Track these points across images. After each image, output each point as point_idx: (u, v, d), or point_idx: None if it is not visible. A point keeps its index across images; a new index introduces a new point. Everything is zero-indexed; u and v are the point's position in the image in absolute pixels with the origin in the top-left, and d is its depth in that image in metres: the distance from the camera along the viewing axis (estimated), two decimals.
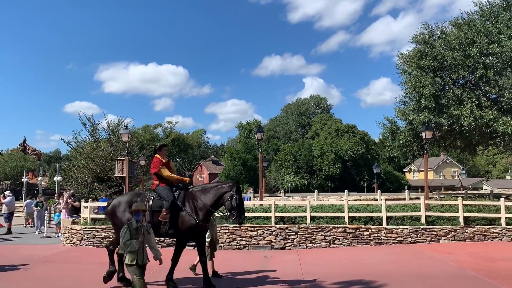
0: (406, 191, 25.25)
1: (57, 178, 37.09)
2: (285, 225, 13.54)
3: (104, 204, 16.98)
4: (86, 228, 14.47)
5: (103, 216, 15.35)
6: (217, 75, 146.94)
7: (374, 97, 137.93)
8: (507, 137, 17.12)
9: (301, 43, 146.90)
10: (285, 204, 15.63)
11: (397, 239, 13.58)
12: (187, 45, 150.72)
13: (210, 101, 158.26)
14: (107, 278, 8.33)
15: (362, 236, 13.58)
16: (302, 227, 13.48)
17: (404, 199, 19.58)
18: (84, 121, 29.03)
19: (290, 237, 13.39)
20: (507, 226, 14.02)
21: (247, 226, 13.48)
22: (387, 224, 13.79)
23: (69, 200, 17.63)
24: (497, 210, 14.39)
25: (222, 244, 13.21)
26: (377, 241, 13.53)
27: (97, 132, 29.72)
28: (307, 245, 13.34)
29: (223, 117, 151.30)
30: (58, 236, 17.22)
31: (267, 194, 27.02)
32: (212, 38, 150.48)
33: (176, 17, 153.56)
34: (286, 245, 13.30)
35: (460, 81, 19.30)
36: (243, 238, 13.40)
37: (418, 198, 16.08)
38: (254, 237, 13.39)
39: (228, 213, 8.12)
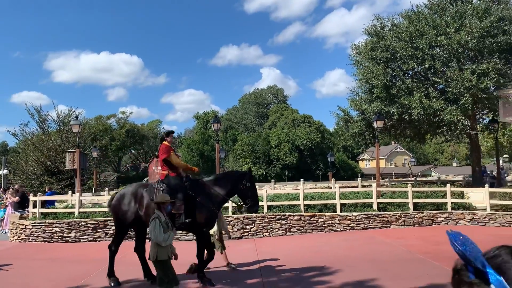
0: (359, 179, 25.99)
1: (3, 171, 35.30)
2: (242, 215, 13.57)
3: (51, 198, 16.42)
4: (35, 223, 13.89)
5: (54, 210, 14.80)
6: (173, 64, 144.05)
7: (329, 88, 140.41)
8: (453, 125, 17.93)
9: (258, 34, 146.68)
10: None
11: (350, 225, 13.98)
12: (142, 34, 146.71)
13: (166, 91, 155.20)
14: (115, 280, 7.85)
15: (317, 223, 13.87)
16: (259, 216, 13.58)
17: (357, 186, 20.16)
18: (31, 112, 27.79)
19: (247, 226, 13.46)
20: (453, 211, 14.79)
21: None
22: (341, 211, 14.17)
23: (8, 195, 16.86)
24: (444, 196, 15.13)
25: (178, 236, 13.07)
26: (331, 228, 13.87)
27: (46, 123, 28.55)
28: (264, 234, 13.47)
29: (179, 107, 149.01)
30: (4, 232, 16.44)
31: None
32: (167, 27, 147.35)
33: (130, 4, 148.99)
34: (243, 234, 13.36)
35: (410, 72, 19.96)
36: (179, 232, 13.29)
37: (370, 186, 16.59)
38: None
39: (242, 202, 8.01)
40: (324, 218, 13.95)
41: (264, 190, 14.83)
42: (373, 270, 8.34)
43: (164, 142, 8.18)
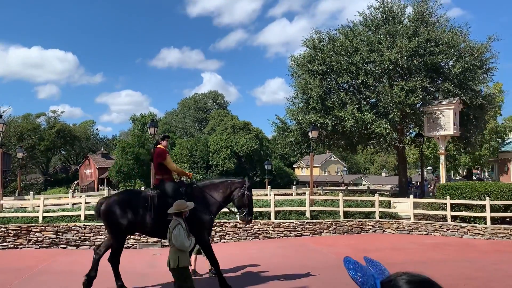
0: (293, 186, 26.62)
1: None
2: None
3: None
4: None
5: None
6: (110, 63, 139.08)
7: (269, 96, 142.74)
8: (382, 138, 18.92)
9: (200, 38, 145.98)
10: None
11: (284, 232, 14.25)
12: (77, 30, 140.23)
13: (102, 91, 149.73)
14: (87, 284, 7.49)
15: (252, 230, 14.00)
16: None
17: (291, 194, 20.65)
18: None
19: None
20: (380, 220, 15.57)
21: None
22: (275, 219, 14.41)
23: None
24: (372, 205, 15.90)
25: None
26: (265, 235, 14.06)
27: None
28: None
29: (115, 108, 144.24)
30: None
31: None
32: (106, 24, 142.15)
33: None
34: None
35: (345, 85, 20.83)
36: (131, 236, 12.91)
37: (304, 193, 17.05)
38: (143, 236, 12.99)
39: (237, 210, 7.93)
40: (259, 225, 14.11)
41: None
42: (305, 277, 8.56)
43: (159, 146, 8.03)
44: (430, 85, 18.85)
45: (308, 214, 14.88)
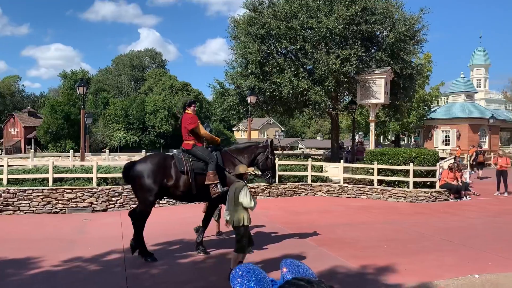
0: None
1: None
2: (108, 187, 13.04)
3: None
4: None
5: None
6: (37, 14, 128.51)
7: (210, 56, 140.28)
8: (317, 105, 19.38)
9: None
10: (109, 165, 14.96)
11: None
12: None
13: (29, 44, 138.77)
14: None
15: None
16: (127, 188, 13.13)
17: None
18: None
19: (113, 198, 12.96)
20: (312, 183, 16.17)
21: (65, 189, 12.54)
22: None
23: None
24: (305, 169, 16.43)
25: (34, 208, 12.09)
26: None
27: None
28: (131, 206, 13.09)
29: (44, 63, 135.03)
30: None
31: (90, 154, 25.51)
32: None
33: None
34: (108, 207, 12.85)
35: (283, 51, 20.86)
36: (60, 201, 12.43)
37: None
38: (73, 200, 12.56)
39: (261, 173, 8.25)
40: None
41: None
42: (231, 241, 8.73)
43: (188, 112, 7.96)
44: (364, 54, 19.37)
45: None
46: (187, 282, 6.29)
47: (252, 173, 8.44)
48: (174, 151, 23.31)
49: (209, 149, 7.97)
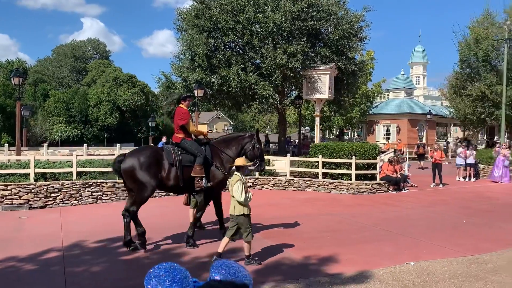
0: None
1: None
2: (47, 182, 12.44)
3: None
4: None
5: None
6: None
7: (157, 48, 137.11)
8: (265, 99, 19.54)
9: None
10: (48, 160, 14.28)
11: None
12: None
13: None
14: (142, 238, 7.60)
15: None
16: (67, 184, 12.65)
17: None
18: None
19: (52, 194, 12.39)
20: (260, 177, 16.35)
21: None
22: None
23: None
24: None
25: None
26: None
27: None
28: (72, 202, 12.63)
29: None
30: None
31: (27, 148, 24.18)
32: None
33: None
34: (47, 203, 12.27)
35: (231, 45, 20.80)
36: None
37: None
38: (8, 197, 11.87)
39: (251, 162, 8.18)
40: None
41: (75, 156, 13.80)
42: (181, 237, 8.66)
43: (181, 106, 8.11)
44: (310, 50, 19.75)
45: None
46: (128, 279, 6.15)
47: (251, 167, 8.77)
48: (118, 145, 22.73)
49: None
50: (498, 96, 25.17)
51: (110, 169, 13.58)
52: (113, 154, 15.05)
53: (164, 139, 22.51)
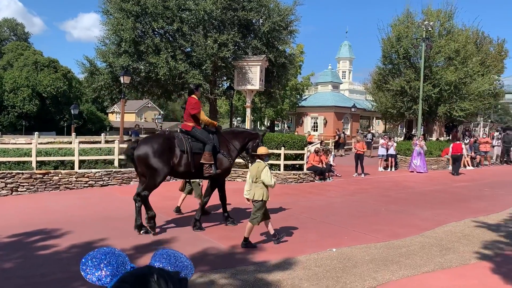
0: (102, 134, 25.29)
1: None
2: None
3: None
4: None
5: None
6: None
7: (82, 32, 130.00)
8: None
9: None
10: None
11: (88, 182, 13.53)
12: None
13: None
14: (152, 221, 8.06)
15: (51, 181, 12.87)
16: None
17: (100, 142, 19.59)
18: None
19: None
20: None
21: None
22: (80, 168, 13.52)
23: None
24: None
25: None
26: (67, 186, 13.12)
27: None
28: None
29: None
30: None
31: None
32: None
33: None
34: None
35: (160, 31, 20.20)
36: None
37: (114, 141, 16.35)
38: None
39: (249, 159, 8.88)
40: (60, 175, 13.04)
41: None
42: (104, 228, 8.33)
43: (193, 96, 8.43)
44: (241, 40, 19.78)
45: (116, 163, 14.39)
46: (45, 275, 5.78)
47: (243, 159, 9.57)
48: (36, 133, 21.25)
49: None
50: (416, 91, 26.90)
51: (26, 158, 12.74)
52: (30, 143, 14.05)
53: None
